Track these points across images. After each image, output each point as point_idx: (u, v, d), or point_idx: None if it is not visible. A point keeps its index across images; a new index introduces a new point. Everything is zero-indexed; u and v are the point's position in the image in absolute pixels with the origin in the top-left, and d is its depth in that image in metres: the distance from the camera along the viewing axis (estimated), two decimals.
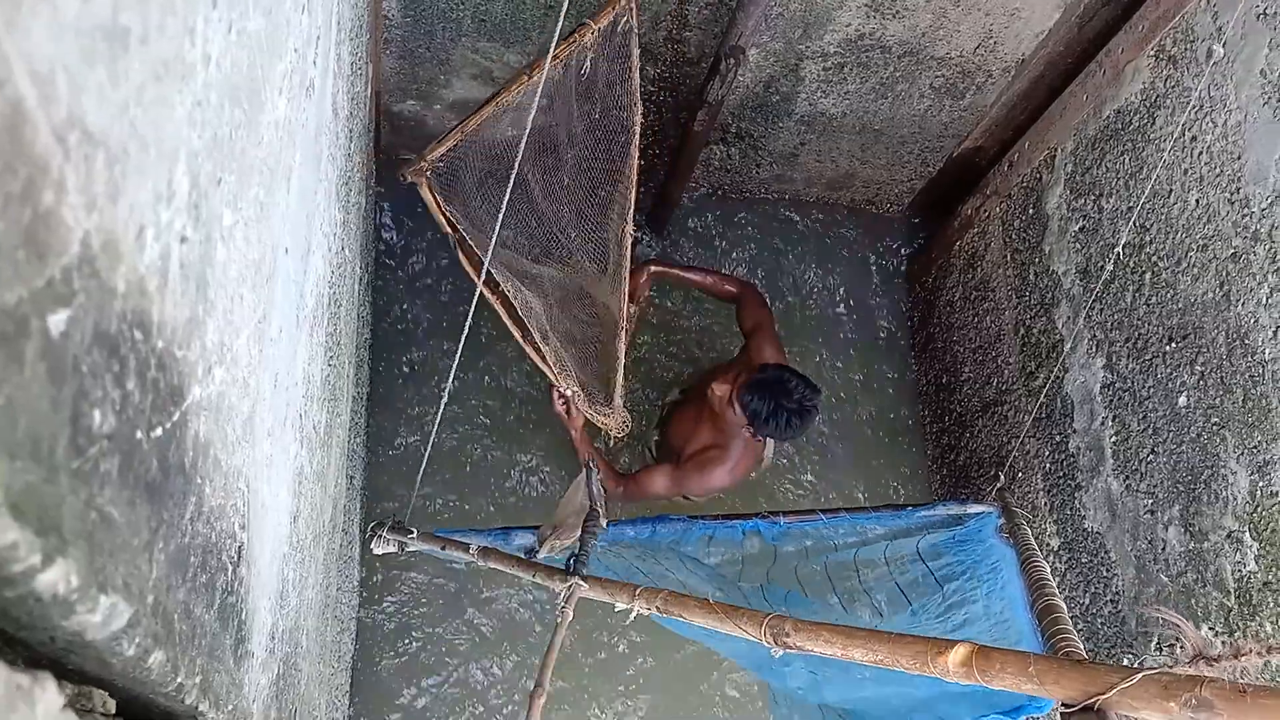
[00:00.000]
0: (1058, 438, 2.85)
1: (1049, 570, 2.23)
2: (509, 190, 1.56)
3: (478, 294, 1.75)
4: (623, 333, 2.42)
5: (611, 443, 3.21)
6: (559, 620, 1.71)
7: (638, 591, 1.72)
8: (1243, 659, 1.08)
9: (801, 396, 2.52)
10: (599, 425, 2.40)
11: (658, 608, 1.69)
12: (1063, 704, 1.26)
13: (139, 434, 0.52)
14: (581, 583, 1.79)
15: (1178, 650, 2.28)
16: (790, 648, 1.47)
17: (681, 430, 2.94)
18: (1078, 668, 1.26)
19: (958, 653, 1.31)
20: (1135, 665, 2.29)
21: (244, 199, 0.74)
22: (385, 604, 3.13)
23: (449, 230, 2.27)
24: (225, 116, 0.65)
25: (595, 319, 2.55)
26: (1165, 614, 1.24)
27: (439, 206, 2.25)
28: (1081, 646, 1.83)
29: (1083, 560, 2.70)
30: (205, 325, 0.65)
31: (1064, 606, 1.99)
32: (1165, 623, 2.19)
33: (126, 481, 0.50)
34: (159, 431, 0.56)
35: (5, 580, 0.42)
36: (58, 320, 0.39)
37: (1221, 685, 1.10)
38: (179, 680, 0.70)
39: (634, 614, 1.73)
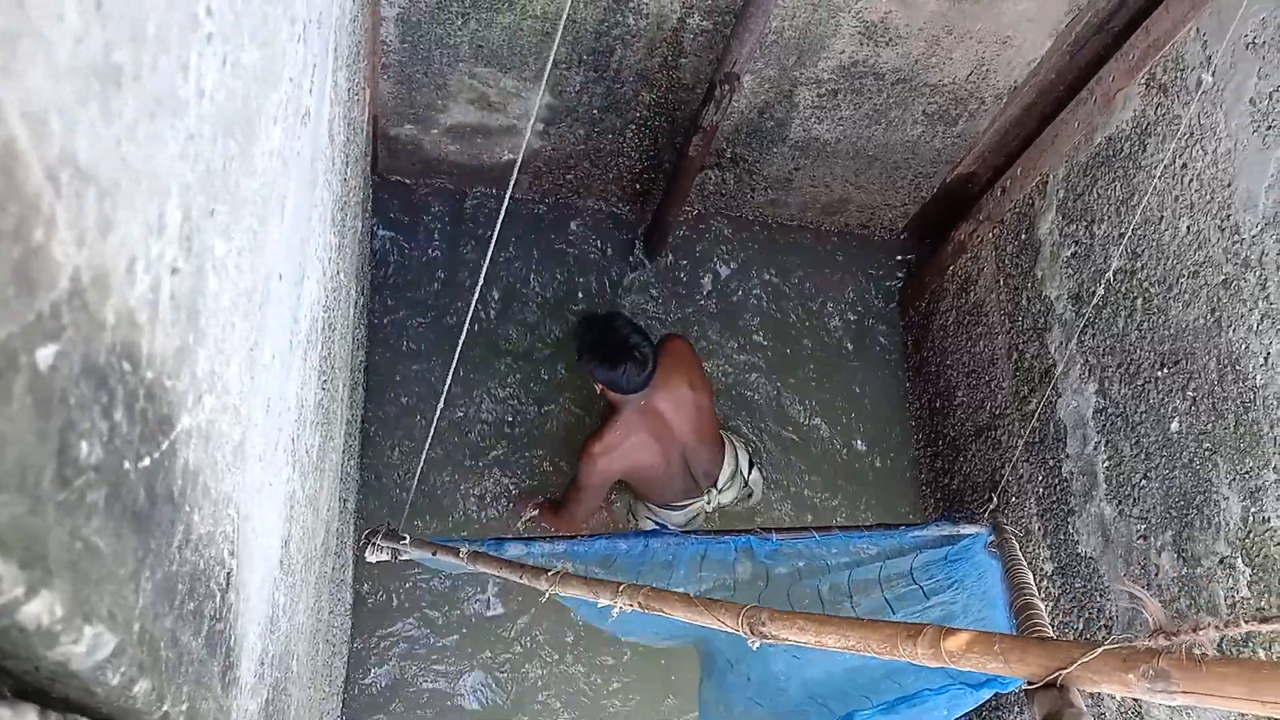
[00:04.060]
0: (1051, 462, 2.85)
1: (1031, 577, 2.24)
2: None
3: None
4: None
5: None
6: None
7: (620, 588, 1.74)
8: (1200, 633, 1.10)
9: (622, 326, 2.63)
10: None
11: (639, 603, 1.71)
12: (1027, 682, 1.27)
13: (126, 464, 0.52)
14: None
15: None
16: (766, 637, 1.50)
17: None
18: (1041, 644, 1.29)
19: (926, 635, 1.33)
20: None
21: (237, 229, 0.75)
22: (378, 630, 3.12)
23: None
24: (219, 149, 0.66)
25: None
26: (1129, 587, 1.27)
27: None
28: (1052, 634, 1.83)
29: (1076, 585, 2.70)
30: (196, 354, 0.65)
31: (1041, 605, 2.00)
32: (1131, 597, 2.20)
33: (113, 512, 0.51)
34: (147, 461, 0.56)
35: None
36: (46, 354, 0.40)
37: (1178, 656, 1.11)
38: (165, 709, 0.70)
39: (617, 610, 1.75)
